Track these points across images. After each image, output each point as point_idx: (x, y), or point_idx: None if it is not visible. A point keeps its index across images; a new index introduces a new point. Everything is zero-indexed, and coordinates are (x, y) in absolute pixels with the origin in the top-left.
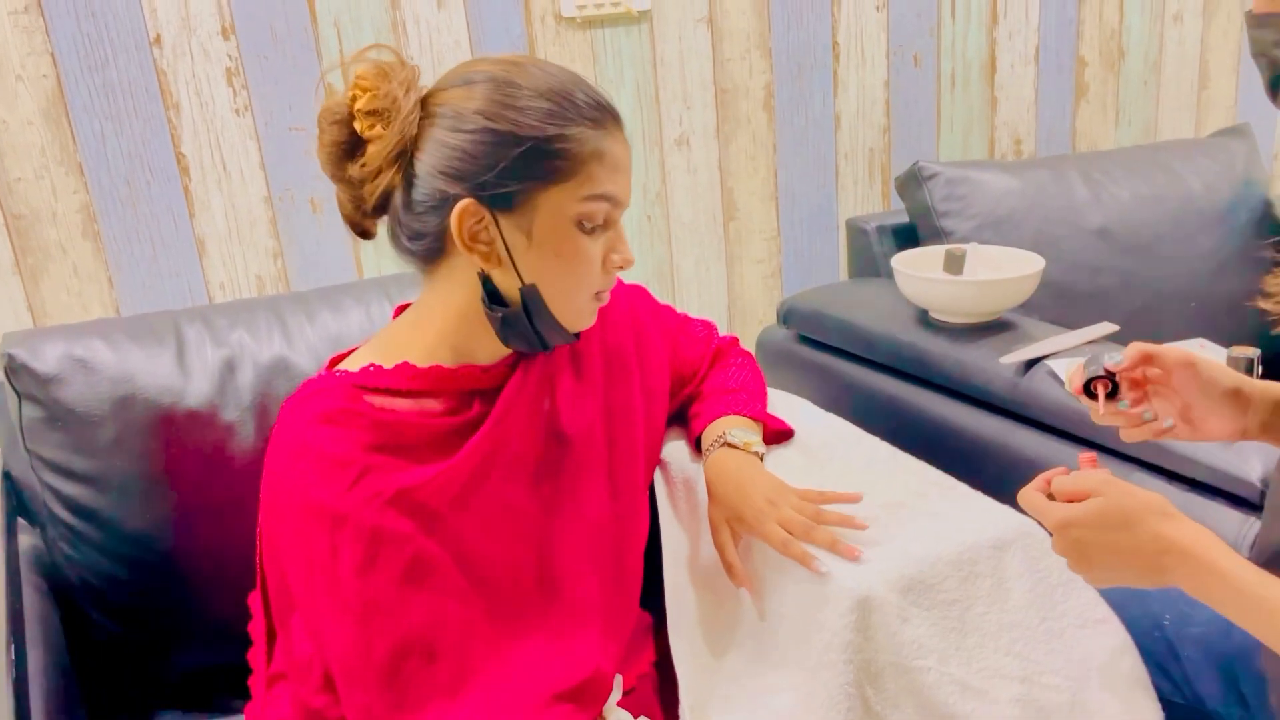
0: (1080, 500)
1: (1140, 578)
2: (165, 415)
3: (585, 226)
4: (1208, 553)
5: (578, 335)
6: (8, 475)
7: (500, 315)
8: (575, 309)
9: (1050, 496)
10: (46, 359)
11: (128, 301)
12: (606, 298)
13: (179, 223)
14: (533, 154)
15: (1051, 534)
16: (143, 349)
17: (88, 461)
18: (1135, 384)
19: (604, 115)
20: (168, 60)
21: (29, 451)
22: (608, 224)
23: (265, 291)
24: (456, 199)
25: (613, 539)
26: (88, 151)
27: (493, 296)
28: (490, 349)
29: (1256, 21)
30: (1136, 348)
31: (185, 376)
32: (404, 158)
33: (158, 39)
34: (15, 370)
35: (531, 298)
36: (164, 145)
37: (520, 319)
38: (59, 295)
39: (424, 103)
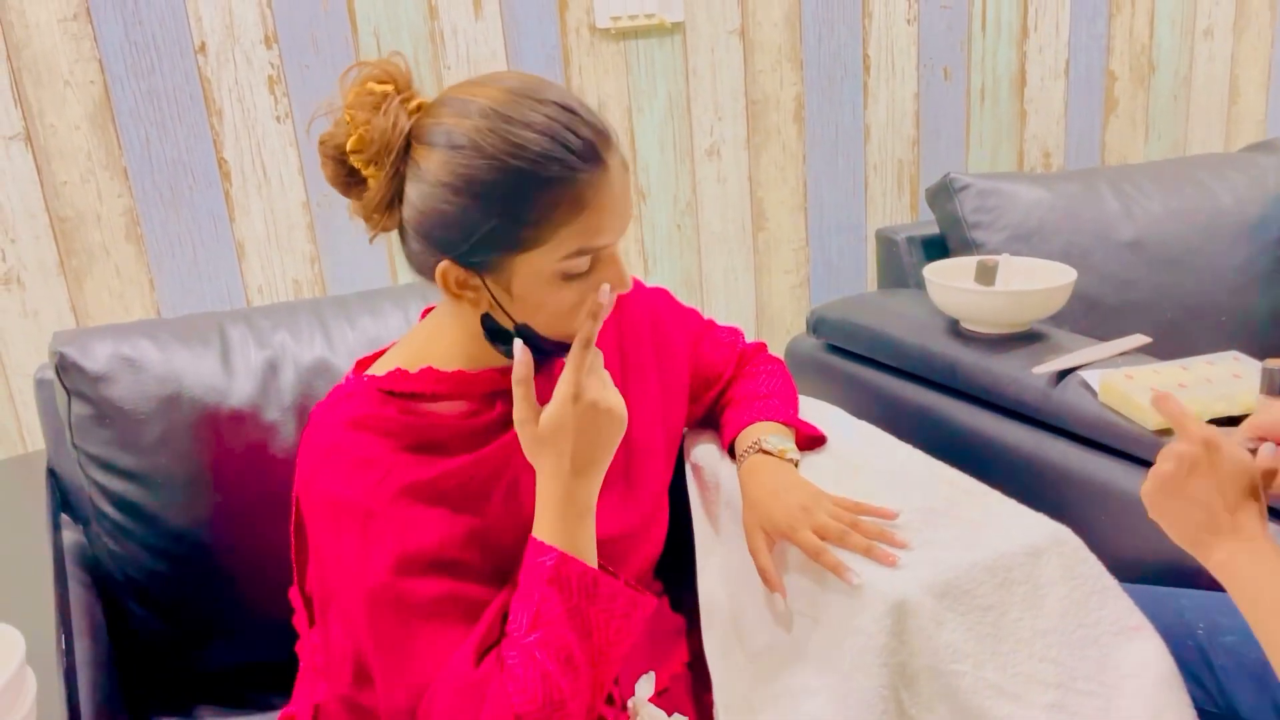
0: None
1: (1201, 527)
2: (210, 414)
3: (570, 275)
4: (1263, 544)
5: None
6: (53, 472)
7: (503, 350)
8: (572, 331)
9: None
10: (96, 358)
11: (168, 303)
12: (610, 308)
13: (219, 227)
14: (503, 226)
15: (1184, 439)
16: (188, 349)
17: (134, 458)
18: None
19: (585, 164)
20: (212, 68)
21: (76, 448)
22: (596, 265)
23: (302, 295)
24: (438, 259)
25: (624, 534)
26: (132, 156)
27: (493, 334)
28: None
29: None
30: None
31: (229, 376)
32: (394, 206)
33: (202, 47)
34: (66, 368)
35: (526, 335)
36: (206, 151)
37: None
38: (101, 296)
39: (410, 143)
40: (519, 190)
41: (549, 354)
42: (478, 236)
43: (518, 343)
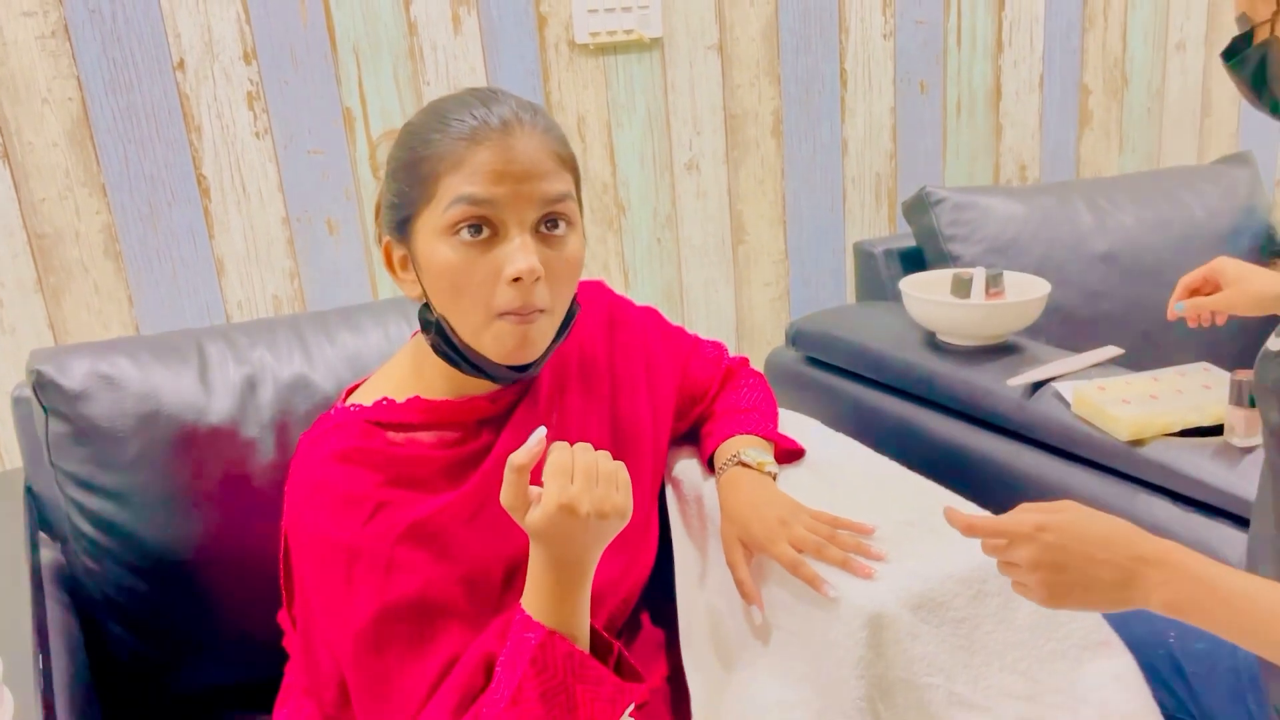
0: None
1: (1111, 591)
2: (188, 432)
3: (466, 242)
4: (1187, 560)
5: (525, 368)
6: (30, 490)
7: (430, 343)
8: (479, 331)
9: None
10: (73, 375)
11: (147, 320)
12: (533, 326)
13: (198, 243)
14: (406, 184)
15: (1021, 549)
16: (167, 366)
17: (112, 476)
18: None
19: (480, 124)
20: (190, 84)
21: (54, 466)
22: (501, 236)
23: (282, 311)
24: (384, 239)
25: (612, 571)
26: (111, 173)
27: (423, 324)
28: (490, 382)
29: None
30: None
31: (208, 394)
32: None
33: (181, 64)
34: (43, 386)
35: (439, 326)
36: (185, 167)
37: (443, 347)
38: (80, 314)
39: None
40: (421, 145)
41: (484, 374)
42: (395, 200)
43: (538, 431)
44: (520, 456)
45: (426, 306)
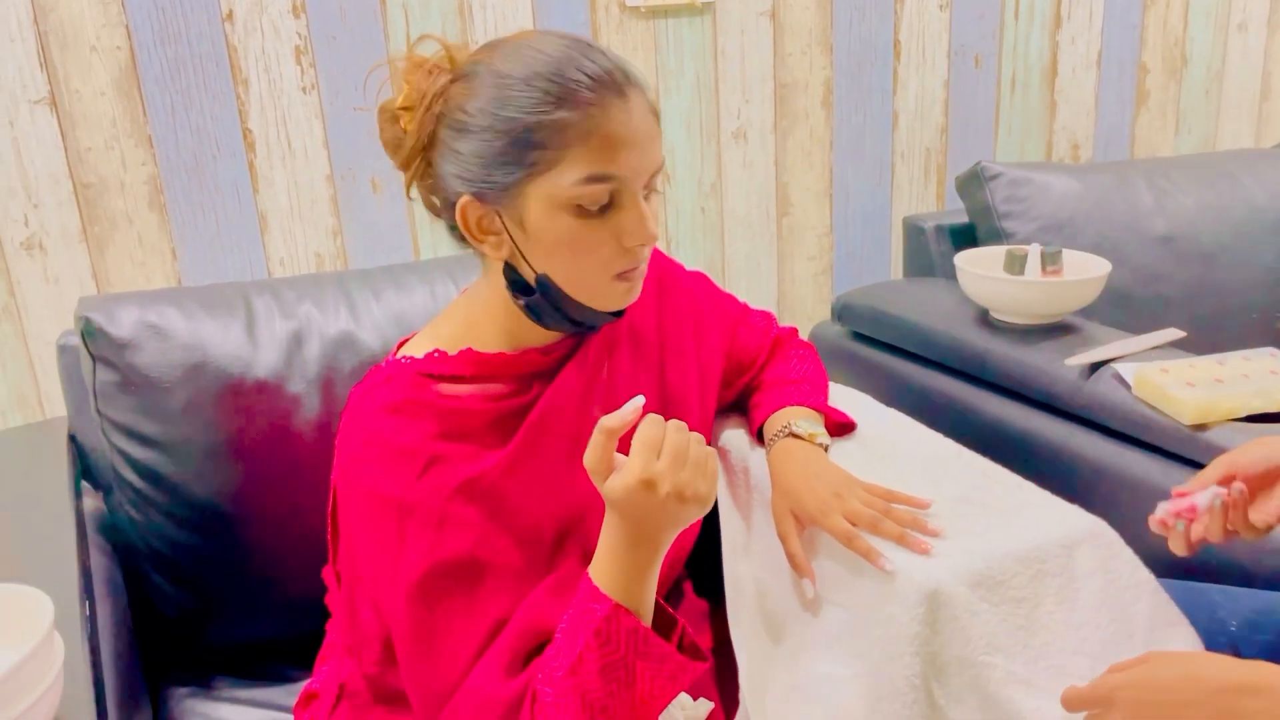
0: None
1: None
2: (234, 384)
3: (586, 210)
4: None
5: (620, 312)
6: (74, 439)
7: (524, 303)
8: (595, 291)
9: None
10: (122, 324)
11: (190, 273)
12: (638, 276)
13: (243, 197)
14: (515, 146)
15: (1110, 715)
16: (214, 318)
17: (158, 426)
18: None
19: (600, 89)
20: (239, 36)
21: (100, 414)
22: (616, 203)
23: (324, 269)
24: (459, 196)
25: None
26: (157, 124)
27: (515, 285)
28: (545, 333)
29: None
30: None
31: (254, 347)
32: (424, 156)
33: (230, 15)
34: (91, 334)
35: (546, 285)
36: (231, 120)
37: (544, 306)
38: (123, 265)
39: (442, 96)
40: (531, 106)
41: (575, 326)
42: (492, 158)
43: (636, 400)
44: (612, 420)
45: (512, 266)
